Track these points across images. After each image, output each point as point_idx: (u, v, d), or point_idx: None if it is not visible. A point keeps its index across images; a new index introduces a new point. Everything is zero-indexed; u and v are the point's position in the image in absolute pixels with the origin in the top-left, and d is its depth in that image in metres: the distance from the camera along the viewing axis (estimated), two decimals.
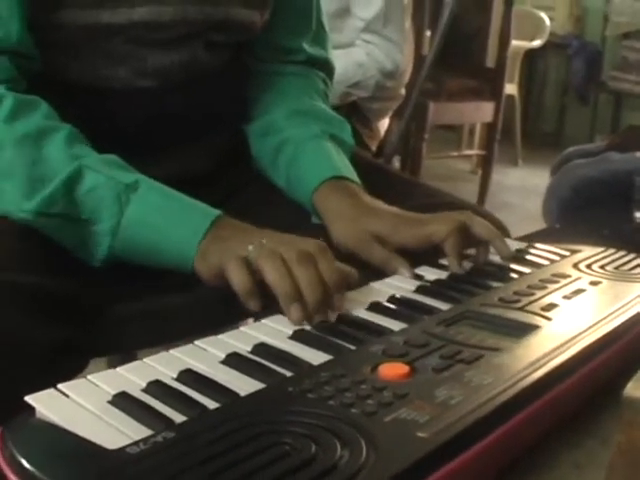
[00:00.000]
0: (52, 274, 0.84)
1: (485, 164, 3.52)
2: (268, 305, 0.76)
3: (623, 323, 0.71)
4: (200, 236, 0.83)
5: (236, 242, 0.81)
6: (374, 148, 2.14)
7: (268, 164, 1.11)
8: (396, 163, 3.35)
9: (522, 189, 4.31)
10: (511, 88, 4.66)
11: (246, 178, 1.14)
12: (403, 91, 2.14)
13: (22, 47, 0.92)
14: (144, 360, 0.61)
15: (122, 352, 1.04)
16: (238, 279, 0.77)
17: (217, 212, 0.86)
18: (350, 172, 1.03)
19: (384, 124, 2.19)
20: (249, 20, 1.07)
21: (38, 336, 0.78)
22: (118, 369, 0.59)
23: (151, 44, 1.00)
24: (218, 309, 0.91)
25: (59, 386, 0.55)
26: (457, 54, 3.31)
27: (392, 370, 0.58)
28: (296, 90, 1.15)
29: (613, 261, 0.91)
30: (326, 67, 1.22)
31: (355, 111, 2.05)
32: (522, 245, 0.97)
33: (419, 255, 0.91)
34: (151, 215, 0.85)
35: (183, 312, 0.99)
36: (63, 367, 0.79)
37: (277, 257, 0.76)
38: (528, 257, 0.92)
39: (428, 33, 3.14)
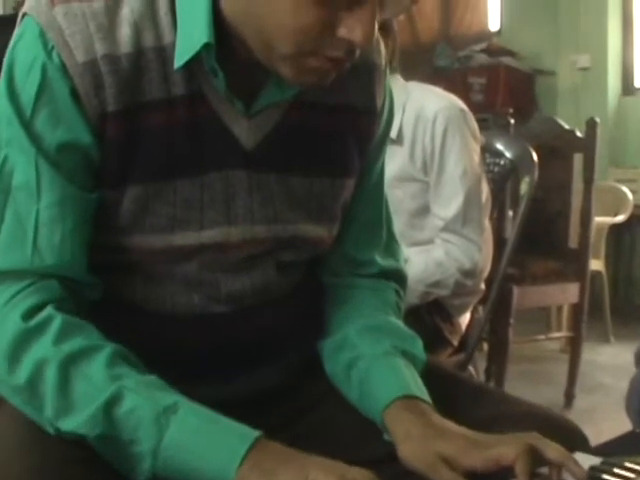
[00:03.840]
0: None
1: (573, 346, 3.49)
2: None
3: None
4: (238, 461, 0.85)
5: (282, 475, 0.83)
6: (456, 343, 2.16)
7: (341, 380, 1.12)
8: (484, 346, 3.34)
9: (615, 368, 4.21)
10: (598, 264, 4.64)
11: (318, 393, 1.15)
12: (483, 286, 2.17)
13: (73, 274, 0.98)
14: None
15: None
16: None
17: (255, 434, 0.88)
18: (421, 391, 1.05)
19: (465, 318, 2.21)
20: (317, 236, 1.11)
21: None
22: None
23: (223, 268, 1.05)
24: None
25: None
26: (539, 236, 3.35)
27: None
28: (369, 305, 1.17)
29: None
30: (398, 277, 1.24)
31: (436, 307, 2.09)
32: (597, 461, 0.97)
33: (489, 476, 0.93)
34: (190, 438, 0.88)
35: None
36: None
37: None
38: (601, 475, 0.93)
39: (510, 213, 3.18)
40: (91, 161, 0.97)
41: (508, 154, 2.47)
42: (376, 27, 0.93)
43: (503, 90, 5.86)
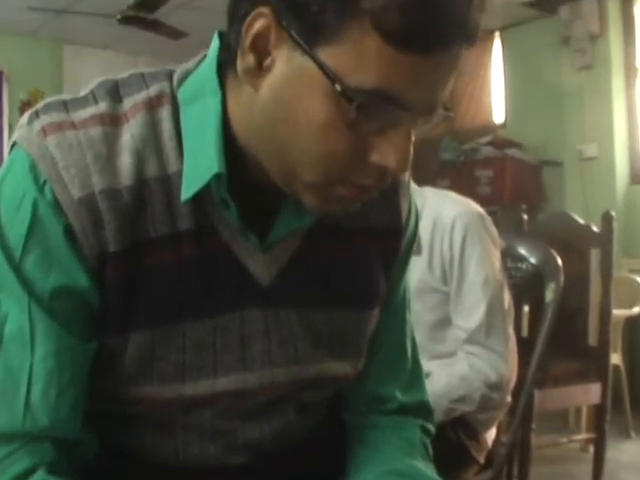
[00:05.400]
0: None
1: (596, 448, 3.36)
2: None
3: None
4: None
5: None
6: (482, 460, 2.04)
7: None
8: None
9: (639, 465, 4.08)
10: (616, 358, 4.54)
11: None
12: (509, 398, 2.07)
13: (68, 433, 0.87)
14: None
15: None
16: None
17: None
18: None
19: (491, 434, 2.10)
20: (343, 373, 1.01)
21: None
22: None
23: (240, 416, 0.95)
24: None
25: None
26: (558, 335, 3.24)
27: None
28: (391, 447, 1.06)
29: None
30: (422, 411, 1.13)
31: (461, 423, 1.98)
32: None
33: None
34: None
35: None
36: None
37: None
38: None
39: (526, 308, 3.08)
40: (89, 307, 0.88)
41: (532, 259, 2.39)
42: (411, 151, 0.83)
43: (510, 182, 5.85)
